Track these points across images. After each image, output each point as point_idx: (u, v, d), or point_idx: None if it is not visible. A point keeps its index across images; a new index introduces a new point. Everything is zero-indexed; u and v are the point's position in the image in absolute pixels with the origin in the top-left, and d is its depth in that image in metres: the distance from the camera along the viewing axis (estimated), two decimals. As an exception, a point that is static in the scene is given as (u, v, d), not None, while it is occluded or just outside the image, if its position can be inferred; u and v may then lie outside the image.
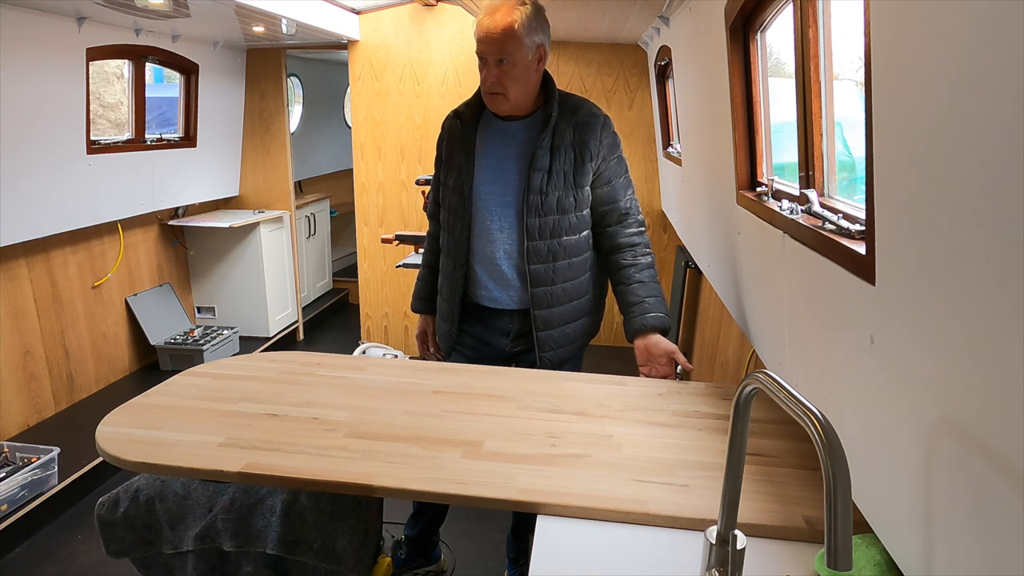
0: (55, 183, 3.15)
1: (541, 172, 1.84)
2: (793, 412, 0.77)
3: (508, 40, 1.76)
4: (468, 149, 1.92)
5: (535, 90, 1.88)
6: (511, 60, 1.78)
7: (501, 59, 1.78)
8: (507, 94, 1.82)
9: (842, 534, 0.70)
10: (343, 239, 6.28)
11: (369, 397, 1.65)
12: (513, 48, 1.77)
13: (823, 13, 1.37)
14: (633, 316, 1.86)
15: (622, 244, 1.91)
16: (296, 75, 5.58)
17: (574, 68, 4.31)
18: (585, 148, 1.86)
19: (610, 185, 1.91)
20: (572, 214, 1.88)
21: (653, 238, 4.49)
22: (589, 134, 1.86)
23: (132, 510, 1.51)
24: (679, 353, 1.83)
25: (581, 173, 1.86)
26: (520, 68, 1.80)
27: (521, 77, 1.81)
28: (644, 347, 1.84)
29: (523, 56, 1.79)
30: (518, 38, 1.76)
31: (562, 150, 1.85)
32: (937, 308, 0.79)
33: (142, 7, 2.94)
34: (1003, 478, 0.67)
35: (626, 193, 1.94)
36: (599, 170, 1.89)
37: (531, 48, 1.80)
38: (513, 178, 1.88)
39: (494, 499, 1.24)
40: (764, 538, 1.14)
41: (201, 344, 4.14)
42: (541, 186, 1.84)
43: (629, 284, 1.88)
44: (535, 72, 1.85)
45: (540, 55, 1.84)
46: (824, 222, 1.25)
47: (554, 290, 1.90)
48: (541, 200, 1.85)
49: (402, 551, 2.27)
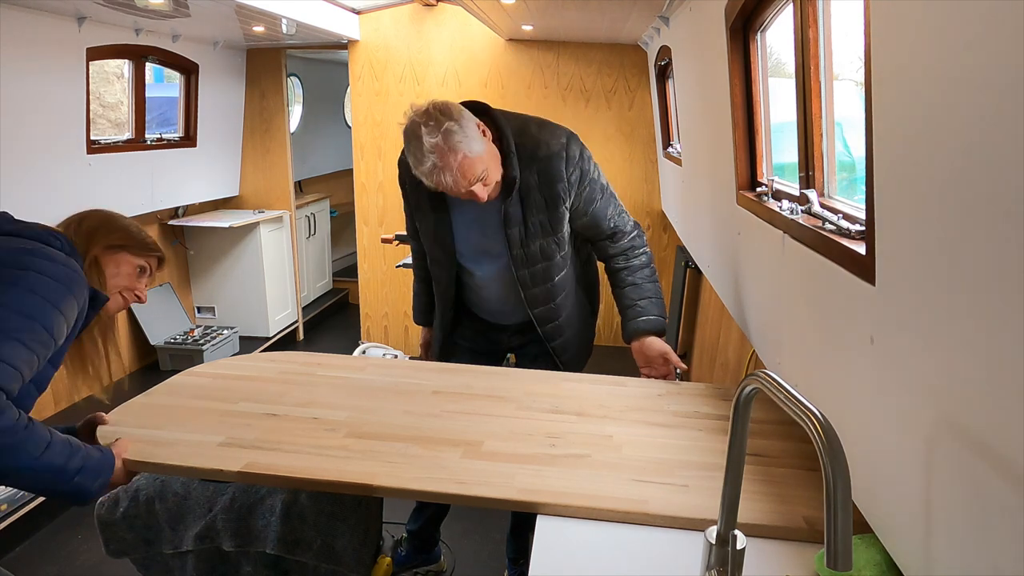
0: (55, 183, 3.14)
1: (517, 227, 1.78)
2: (793, 412, 0.77)
3: (473, 169, 1.60)
4: (439, 205, 1.82)
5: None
6: (486, 176, 1.64)
7: (484, 182, 1.65)
8: (490, 188, 1.69)
9: (842, 534, 0.70)
10: (343, 239, 6.28)
11: (369, 397, 1.65)
12: (480, 165, 1.61)
13: (823, 13, 1.37)
14: (627, 320, 1.88)
15: (614, 253, 1.91)
16: (296, 75, 5.58)
17: (574, 68, 4.31)
18: (554, 194, 1.76)
19: (588, 215, 1.84)
20: (557, 256, 1.84)
21: (653, 238, 4.50)
22: (554, 178, 1.75)
23: (132, 510, 1.51)
24: (672, 353, 1.85)
25: (555, 219, 1.79)
26: (490, 162, 1.66)
27: (494, 169, 1.68)
28: (639, 350, 1.87)
29: (487, 158, 1.64)
30: (475, 157, 1.60)
31: (531, 199, 1.76)
32: (937, 308, 0.79)
33: (142, 7, 2.93)
34: (1003, 478, 0.67)
35: (607, 213, 1.86)
36: (574, 205, 1.81)
37: (483, 146, 1.63)
38: (493, 231, 1.81)
39: (494, 499, 1.24)
40: (764, 538, 1.14)
41: (201, 344, 4.14)
42: (521, 239, 1.79)
43: (623, 288, 1.89)
44: (493, 148, 1.69)
45: (483, 132, 1.66)
46: (824, 222, 1.25)
47: (556, 309, 1.92)
48: (525, 253, 1.81)
49: (403, 548, 2.28)
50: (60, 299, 1.16)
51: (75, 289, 1.21)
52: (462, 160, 1.57)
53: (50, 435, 1.12)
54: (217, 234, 4.52)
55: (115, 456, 1.25)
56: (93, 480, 1.18)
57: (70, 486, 1.14)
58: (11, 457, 1.06)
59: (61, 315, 1.17)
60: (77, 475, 1.15)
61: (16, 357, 1.09)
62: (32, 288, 1.14)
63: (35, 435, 1.09)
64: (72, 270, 1.22)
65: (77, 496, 1.17)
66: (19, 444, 1.06)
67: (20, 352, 1.10)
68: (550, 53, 4.29)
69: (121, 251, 1.37)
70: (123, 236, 1.38)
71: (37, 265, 1.17)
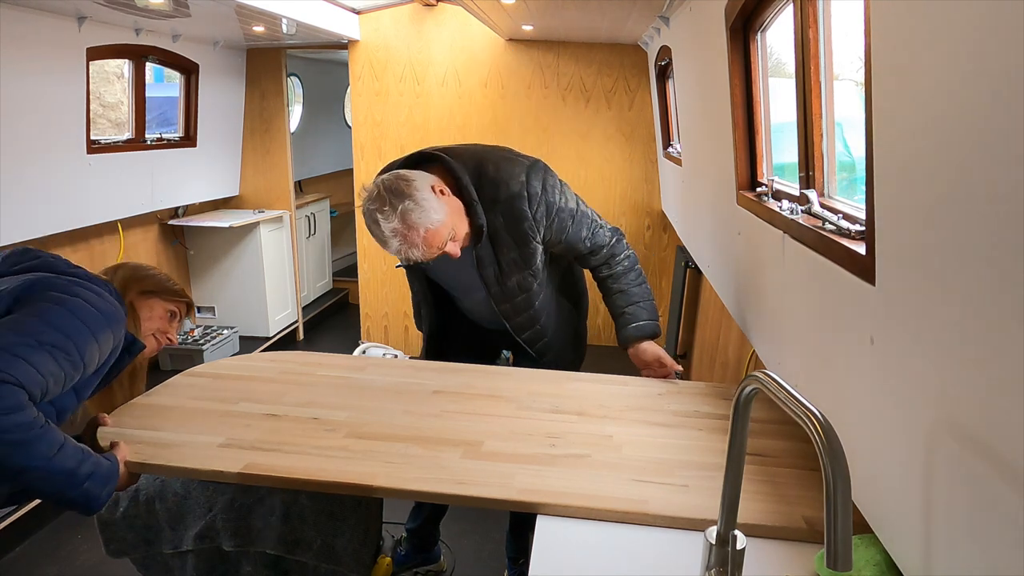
0: (55, 183, 3.14)
1: (491, 267, 1.79)
2: (793, 412, 0.77)
3: (438, 237, 1.61)
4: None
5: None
6: (453, 231, 1.64)
7: (454, 240, 1.66)
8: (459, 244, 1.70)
9: (842, 534, 0.70)
10: (343, 239, 6.28)
11: (369, 397, 1.65)
12: (445, 232, 1.62)
13: (823, 13, 1.37)
14: (619, 328, 1.91)
15: (597, 264, 1.92)
16: (296, 75, 5.58)
17: (574, 68, 4.31)
18: (521, 232, 1.75)
19: (563, 242, 1.83)
20: (535, 285, 1.85)
21: (653, 238, 4.50)
22: (519, 218, 1.74)
23: (132, 510, 1.51)
24: (666, 357, 1.87)
25: (527, 255, 1.79)
26: (456, 220, 1.65)
27: (461, 220, 1.68)
28: (635, 356, 1.90)
29: (450, 220, 1.63)
30: (437, 227, 1.59)
31: (500, 239, 1.76)
32: (937, 308, 0.79)
33: (142, 7, 2.93)
34: (1003, 478, 0.67)
35: (581, 235, 1.83)
36: (546, 237, 1.80)
37: (442, 213, 1.61)
38: (468, 273, 1.82)
39: (494, 499, 1.24)
40: (764, 538, 1.14)
41: (201, 344, 4.14)
42: (496, 277, 1.80)
43: (611, 296, 1.92)
44: (455, 202, 1.68)
45: (440, 191, 1.64)
46: (824, 222, 1.25)
47: (541, 330, 1.94)
48: (503, 289, 1.82)
49: (402, 547, 2.28)
50: (99, 329, 1.23)
51: (114, 325, 1.28)
52: (425, 234, 1.58)
53: (64, 439, 1.15)
54: (217, 234, 4.52)
55: (119, 462, 1.27)
56: (102, 487, 1.19)
57: (79, 492, 1.16)
58: (25, 455, 1.08)
59: (96, 343, 1.22)
60: (87, 480, 1.16)
61: (44, 366, 1.12)
62: (75, 312, 1.21)
63: (50, 435, 1.12)
64: (115, 308, 1.30)
65: (87, 503, 1.18)
66: (34, 441, 1.08)
67: (49, 364, 1.13)
68: (550, 53, 4.29)
69: (153, 296, 1.49)
70: (154, 283, 1.50)
71: (84, 295, 1.24)
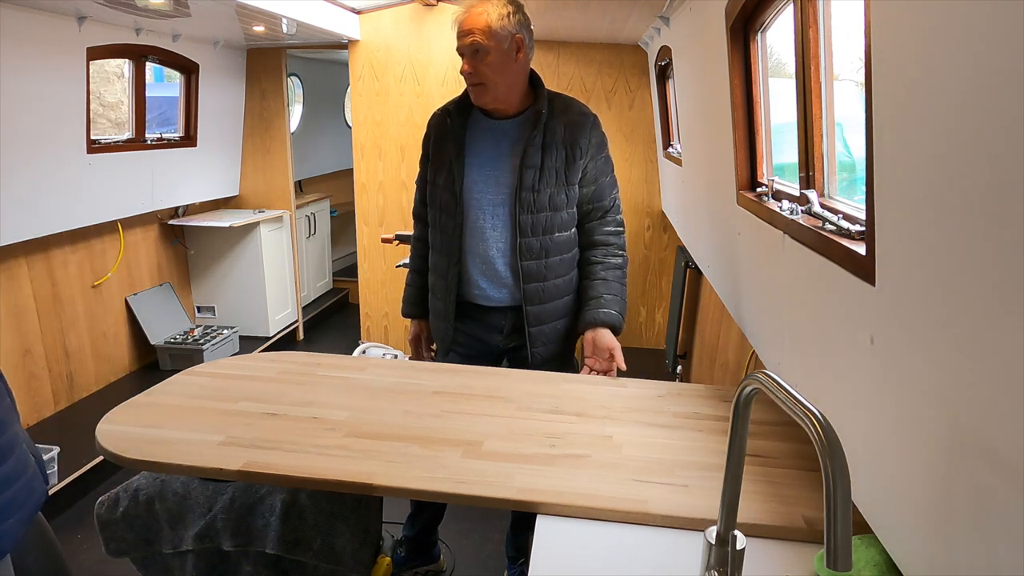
0: (55, 182, 3.15)
1: (533, 169, 1.86)
2: (793, 413, 0.77)
3: (479, 29, 1.79)
4: (458, 146, 1.93)
5: (520, 85, 1.90)
6: (484, 48, 1.80)
7: (476, 49, 1.80)
8: (486, 83, 1.83)
9: (842, 535, 0.70)
10: (343, 239, 6.28)
11: (369, 397, 1.65)
12: (485, 37, 1.79)
13: (823, 13, 1.37)
14: (588, 309, 1.92)
15: (597, 241, 1.97)
16: (296, 75, 5.58)
17: (574, 68, 4.30)
18: (575, 146, 1.87)
19: (596, 184, 1.94)
20: (563, 211, 1.91)
21: (653, 238, 4.50)
22: (579, 132, 1.88)
23: (132, 509, 1.51)
24: (619, 351, 1.89)
25: (572, 170, 1.88)
26: (495, 56, 1.81)
27: (498, 66, 1.82)
28: (591, 340, 1.91)
29: (497, 45, 1.80)
30: (489, 26, 1.79)
31: (553, 147, 1.87)
32: (937, 309, 0.79)
33: (142, 7, 2.93)
34: (1003, 478, 0.67)
35: (611, 193, 1.97)
36: (587, 168, 1.91)
37: (505, 37, 1.81)
38: (505, 176, 1.90)
39: (494, 499, 1.24)
40: (764, 538, 1.14)
41: (201, 344, 4.14)
42: (533, 183, 1.86)
43: (593, 280, 1.94)
44: (515, 63, 1.85)
45: (517, 45, 1.84)
46: (824, 222, 1.26)
47: (546, 286, 1.94)
48: (533, 197, 1.87)
49: (402, 549, 2.28)
50: None
51: None
52: (478, 15, 1.80)
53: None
54: (217, 234, 4.52)
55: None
56: None
57: None
58: None
59: None
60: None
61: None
62: None
63: None
64: None
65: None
66: None
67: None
68: (550, 53, 4.29)
69: None
70: None
71: None
